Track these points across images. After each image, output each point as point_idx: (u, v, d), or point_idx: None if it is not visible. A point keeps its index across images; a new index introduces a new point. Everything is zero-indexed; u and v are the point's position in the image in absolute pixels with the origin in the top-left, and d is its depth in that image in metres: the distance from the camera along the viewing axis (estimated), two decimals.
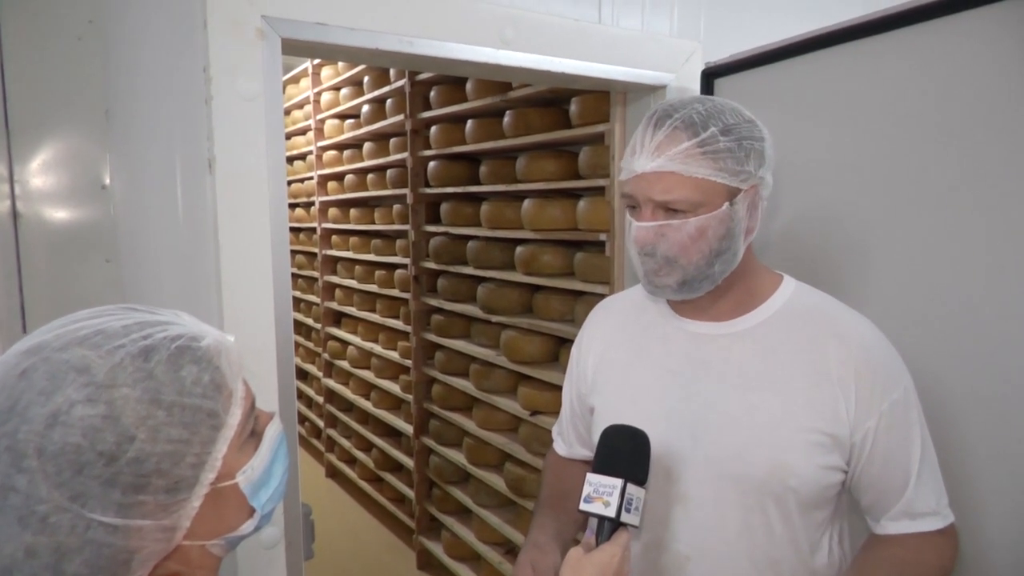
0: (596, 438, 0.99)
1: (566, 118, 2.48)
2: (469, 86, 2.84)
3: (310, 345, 4.92)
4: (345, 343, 4.31)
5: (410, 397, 3.47)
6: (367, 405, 4.00)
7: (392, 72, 3.43)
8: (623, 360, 1.13)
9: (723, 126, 0.96)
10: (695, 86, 1.75)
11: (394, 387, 3.71)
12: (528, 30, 1.54)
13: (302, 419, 5.08)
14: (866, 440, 0.97)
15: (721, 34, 1.86)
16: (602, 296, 2.11)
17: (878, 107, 1.36)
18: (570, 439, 1.26)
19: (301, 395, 5.10)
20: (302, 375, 5.11)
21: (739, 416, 1.00)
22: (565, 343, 2.58)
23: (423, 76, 3.14)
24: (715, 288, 1.02)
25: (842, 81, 1.42)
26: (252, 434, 0.68)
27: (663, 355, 1.08)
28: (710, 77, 1.72)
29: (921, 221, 1.30)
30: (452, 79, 3.00)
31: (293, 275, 4.93)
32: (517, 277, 2.67)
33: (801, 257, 1.51)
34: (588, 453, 1.23)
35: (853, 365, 0.97)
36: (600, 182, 2.22)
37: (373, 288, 3.86)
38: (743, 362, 1.02)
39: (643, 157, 0.96)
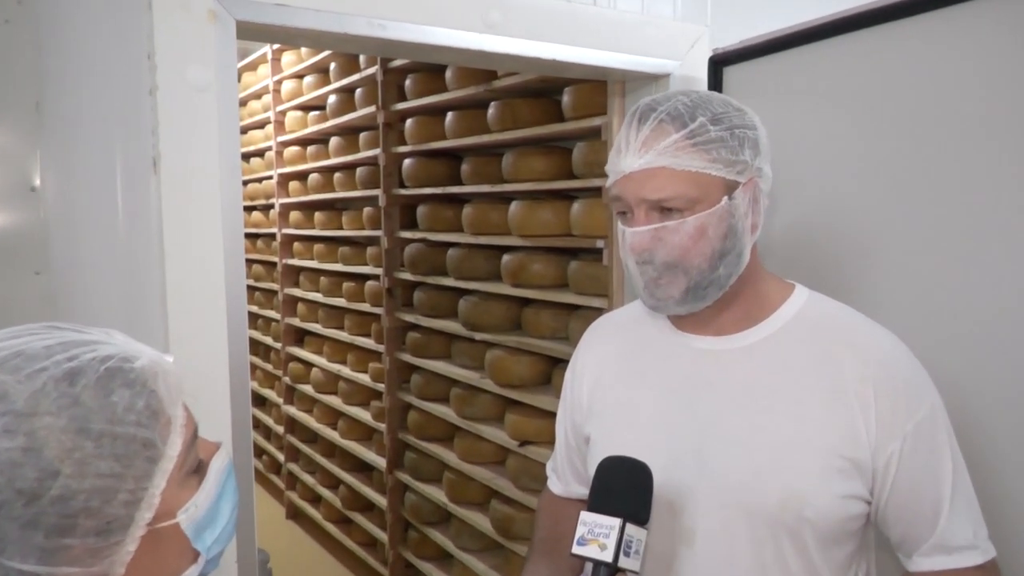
0: (592, 471, 0.99)
1: (558, 110, 2.50)
2: (449, 74, 2.86)
3: (268, 367, 4.90)
4: (308, 365, 4.29)
5: (383, 426, 3.46)
6: (334, 436, 3.98)
7: (362, 59, 3.44)
8: (620, 382, 1.14)
9: (712, 115, 0.99)
10: (701, 75, 1.78)
11: (364, 415, 3.70)
12: (515, 12, 1.55)
13: (259, 452, 5.04)
14: (890, 465, 0.98)
15: (731, 17, 1.88)
16: (599, 310, 2.12)
17: (908, 98, 1.38)
18: (566, 476, 1.26)
19: (258, 424, 5.06)
20: (259, 401, 5.07)
21: (747, 439, 1.01)
22: (558, 364, 2.58)
23: (397, 63, 3.15)
24: (720, 297, 1.03)
25: (868, 70, 1.44)
26: (195, 467, 0.67)
27: (663, 374, 1.09)
28: (718, 65, 1.74)
29: (950, 221, 1.32)
30: (430, 66, 3.01)
31: (249, 288, 4.83)
32: (504, 289, 2.67)
33: (817, 260, 1.53)
34: (587, 491, 1.23)
35: (873, 380, 0.98)
36: (596, 182, 2.24)
37: (340, 302, 3.85)
38: (751, 379, 1.03)
39: (629, 156, 0.99)
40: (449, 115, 2.92)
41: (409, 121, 3.15)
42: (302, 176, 4.26)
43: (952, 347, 1.30)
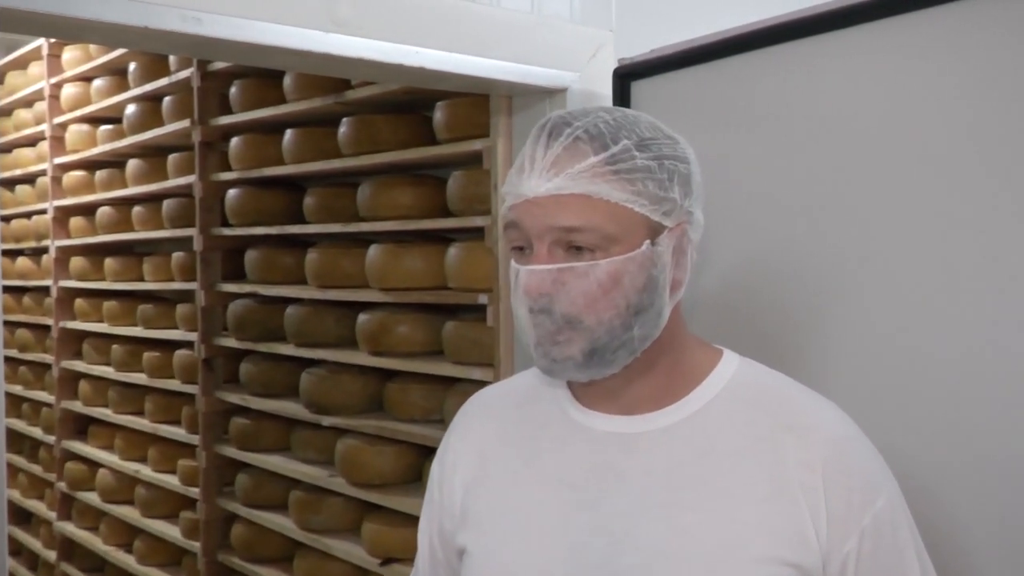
0: None
1: (429, 130, 2.54)
2: (288, 81, 2.86)
3: (36, 470, 4.73)
4: (94, 465, 4.15)
5: (196, 545, 3.37)
6: (128, 561, 3.86)
7: (172, 58, 3.40)
8: (504, 476, 1.14)
9: (638, 139, 1.02)
10: (605, 90, 1.85)
11: (172, 531, 3.59)
12: (371, 7, 1.57)
13: None
14: (846, 570, 1.01)
15: (640, 21, 1.97)
16: (483, 384, 2.12)
17: (845, 120, 1.47)
18: None
19: (19, 551, 4.87)
20: (22, 518, 4.89)
21: (668, 548, 1.02)
22: (431, 455, 2.56)
23: (220, 65, 3.13)
24: (632, 365, 1.06)
25: (799, 86, 1.54)
26: None
27: (561, 465, 1.10)
28: (625, 79, 1.81)
29: (903, 269, 1.40)
30: (263, 71, 3.00)
31: (9, 361, 4.74)
32: (360, 359, 2.66)
33: (740, 322, 1.59)
34: None
35: (820, 466, 1.02)
36: (478, 221, 2.26)
37: (140, 379, 3.78)
38: (671, 469, 1.05)
39: (535, 176, 1.01)
40: (288, 133, 2.92)
41: (235, 140, 3.13)
42: (88, 210, 4.17)
43: (912, 427, 1.37)
